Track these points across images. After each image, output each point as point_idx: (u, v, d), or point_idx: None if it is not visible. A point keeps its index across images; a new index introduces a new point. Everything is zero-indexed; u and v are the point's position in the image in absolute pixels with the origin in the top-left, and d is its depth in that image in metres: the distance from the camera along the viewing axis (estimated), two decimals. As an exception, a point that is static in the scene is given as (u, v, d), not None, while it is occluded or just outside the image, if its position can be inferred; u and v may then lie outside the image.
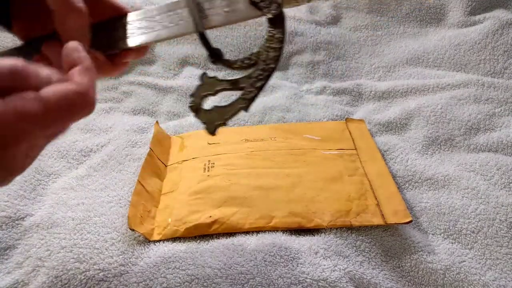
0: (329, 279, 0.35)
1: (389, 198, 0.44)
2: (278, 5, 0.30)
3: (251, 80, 0.31)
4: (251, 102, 0.31)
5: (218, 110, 0.31)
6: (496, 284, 0.37)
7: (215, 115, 0.31)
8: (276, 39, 0.31)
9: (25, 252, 0.38)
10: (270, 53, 0.31)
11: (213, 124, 0.31)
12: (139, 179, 0.46)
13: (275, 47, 0.31)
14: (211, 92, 0.33)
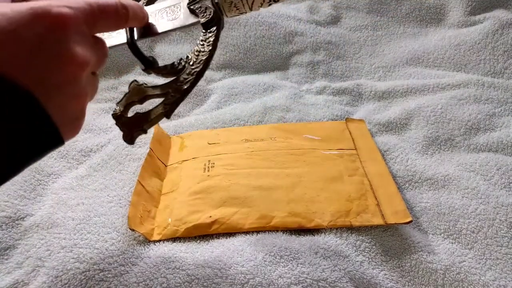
0: (329, 279, 0.35)
1: (389, 198, 0.44)
2: (211, 11, 0.30)
3: (176, 84, 0.30)
4: (174, 108, 0.29)
5: (138, 116, 0.30)
6: (496, 284, 0.37)
7: (134, 123, 0.30)
8: (207, 42, 0.30)
9: (25, 252, 0.38)
10: (198, 57, 0.30)
11: (131, 132, 0.30)
12: (139, 179, 0.46)
13: (205, 50, 0.30)
14: (137, 99, 0.32)
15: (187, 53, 0.31)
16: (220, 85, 0.68)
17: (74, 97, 0.24)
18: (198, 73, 0.30)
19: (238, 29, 0.74)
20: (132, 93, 0.32)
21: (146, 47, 0.72)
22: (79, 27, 0.24)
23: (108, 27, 0.27)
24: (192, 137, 0.55)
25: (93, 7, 0.25)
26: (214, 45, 0.30)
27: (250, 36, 0.73)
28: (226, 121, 0.58)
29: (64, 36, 0.23)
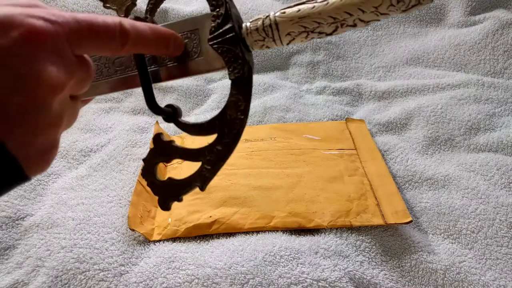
0: (329, 279, 0.35)
1: (389, 198, 0.44)
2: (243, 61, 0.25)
3: (209, 156, 0.27)
4: (208, 182, 0.27)
5: (172, 183, 0.28)
6: (496, 284, 0.37)
7: (169, 189, 0.28)
8: (239, 109, 0.26)
9: (25, 252, 0.38)
10: (232, 126, 0.27)
11: (167, 199, 0.28)
12: (139, 179, 0.46)
13: (237, 117, 0.26)
14: (165, 159, 0.29)
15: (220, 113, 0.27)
16: (220, 85, 0.68)
17: (42, 127, 0.20)
18: (230, 149, 0.27)
19: (238, 29, 0.74)
20: (158, 152, 0.29)
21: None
22: (57, 45, 0.20)
23: (98, 50, 0.22)
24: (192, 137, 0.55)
25: (81, 25, 0.21)
26: (246, 111, 0.26)
27: (250, 36, 0.73)
28: (226, 121, 0.58)
29: (34, 52, 0.19)
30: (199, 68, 0.27)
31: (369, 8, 0.24)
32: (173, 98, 0.65)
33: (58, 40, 0.20)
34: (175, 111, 0.29)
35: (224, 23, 0.26)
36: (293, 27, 0.26)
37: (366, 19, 0.25)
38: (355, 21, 0.25)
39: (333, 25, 0.25)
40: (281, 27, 0.26)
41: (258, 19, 0.26)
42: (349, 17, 0.25)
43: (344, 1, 0.24)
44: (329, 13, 0.25)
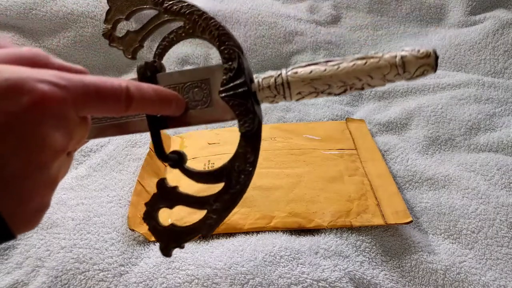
0: (329, 279, 0.35)
1: (389, 198, 0.44)
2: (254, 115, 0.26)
3: (215, 206, 0.27)
4: (213, 230, 0.27)
5: (175, 229, 0.27)
6: (496, 284, 0.37)
7: (172, 236, 0.27)
8: (248, 161, 0.27)
9: (25, 252, 0.38)
10: (240, 177, 0.27)
11: (168, 246, 0.27)
12: (139, 179, 0.46)
13: (246, 169, 0.27)
14: (167, 205, 0.29)
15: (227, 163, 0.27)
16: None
17: (39, 189, 0.20)
18: (238, 197, 0.27)
19: (238, 29, 0.73)
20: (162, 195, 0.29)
21: (147, 47, 0.72)
22: (64, 110, 0.19)
23: (101, 112, 0.23)
24: (192, 137, 0.55)
25: (88, 89, 0.20)
26: (254, 163, 0.27)
27: (250, 36, 0.73)
28: (226, 121, 0.58)
29: (41, 118, 0.18)
30: (208, 118, 0.27)
31: (378, 75, 0.25)
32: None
33: (65, 105, 0.19)
34: (181, 157, 0.29)
35: (236, 77, 0.26)
36: (304, 88, 0.26)
37: (373, 84, 0.26)
38: (364, 85, 0.26)
39: (342, 87, 0.26)
40: (293, 87, 0.26)
41: (271, 77, 0.27)
42: (358, 82, 0.26)
43: (355, 67, 0.25)
44: (340, 78, 0.26)
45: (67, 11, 0.68)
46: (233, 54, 0.26)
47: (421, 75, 0.25)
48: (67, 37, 0.67)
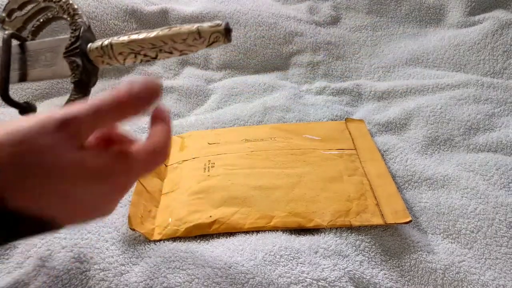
0: (329, 279, 0.35)
1: (388, 198, 0.44)
2: (83, 70, 0.33)
3: None
4: None
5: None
6: (495, 283, 0.38)
7: None
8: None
9: (25, 252, 0.38)
10: None
11: None
12: (139, 179, 0.46)
13: None
14: None
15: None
16: (220, 85, 0.68)
17: None
18: None
19: (238, 29, 0.74)
20: None
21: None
22: None
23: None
24: (193, 137, 0.55)
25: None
26: None
27: (250, 37, 0.73)
28: (226, 121, 0.58)
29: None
30: (53, 74, 0.35)
31: (179, 39, 0.32)
32: (173, 98, 0.65)
33: None
34: (31, 108, 0.36)
35: (75, 42, 0.34)
36: (124, 48, 0.34)
37: (179, 48, 0.33)
38: (170, 48, 0.33)
39: (153, 50, 0.33)
40: (115, 48, 0.34)
41: (101, 41, 0.35)
42: (165, 45, 0.33)
43: (161, 33, 0.32)
44: (150, 41, 0.33)
45: (67, 12, 0.68)
46: (78, 27, 0.34)
47: (216, 41, 0.32)
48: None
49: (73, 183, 0.23)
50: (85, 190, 0.24)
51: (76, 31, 0.34)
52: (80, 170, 0.23)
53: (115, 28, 0.70)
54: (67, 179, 0.23)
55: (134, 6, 0.73)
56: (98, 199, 0.25)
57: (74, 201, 0.24)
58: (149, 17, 0.74)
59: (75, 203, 0.24)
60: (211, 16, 0.75)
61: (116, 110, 0.24)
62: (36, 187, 0.22)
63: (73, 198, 0.23)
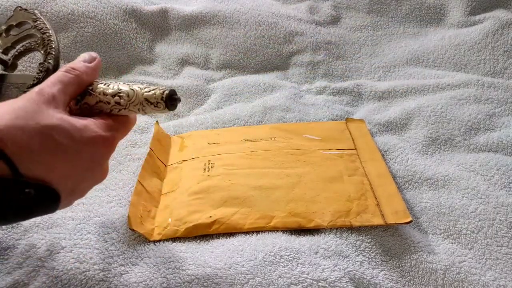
0: (329, 279, 0.35)
1: (389, 198, 0.44)
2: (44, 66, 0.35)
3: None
4: None
5: None
6: (496, 284, 0.38)
7: None
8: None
9: (25, 253, 0.38)
10: None
11: None
12: (139, 179, 0.46)
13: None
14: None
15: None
16: (220, 85, 0.68)
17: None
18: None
19: (238, 29, 0.74)
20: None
21: (146, 47, 0.72)
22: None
23: None
24: (192, 137, 0.55)
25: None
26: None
27: (250, 36, 0.73)
28: (226, 121, 0.58)
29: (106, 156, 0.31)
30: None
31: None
32: (173, 98, 0.65)
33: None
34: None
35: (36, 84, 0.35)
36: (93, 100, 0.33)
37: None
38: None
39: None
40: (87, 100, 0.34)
41: None
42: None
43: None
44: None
45: (67, 11, 0.68)
46: (44, 68, 0.35)
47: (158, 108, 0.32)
48: (67, 37, 0.67)
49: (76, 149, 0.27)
50: (84, 155, 0.28)
51: (40, 73, 0.34)
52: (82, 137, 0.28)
53: (114, 28, 0.70)
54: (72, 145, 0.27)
55: (134, 6, 0.73)
56: (94, 163, 0.30)
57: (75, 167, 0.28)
58: (149, 17, 0.74)
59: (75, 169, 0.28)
60: (211, 15, 0.75)
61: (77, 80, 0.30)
62: (48, 160, 0.26)
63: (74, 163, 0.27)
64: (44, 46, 0.36)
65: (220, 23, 0.74)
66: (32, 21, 0.38)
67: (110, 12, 0.71)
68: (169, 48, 0.73)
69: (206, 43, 0.73)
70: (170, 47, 0.73)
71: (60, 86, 0.28)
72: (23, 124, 0.25)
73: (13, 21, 0.39)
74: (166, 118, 0.61)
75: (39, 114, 0.26)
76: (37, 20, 0.37)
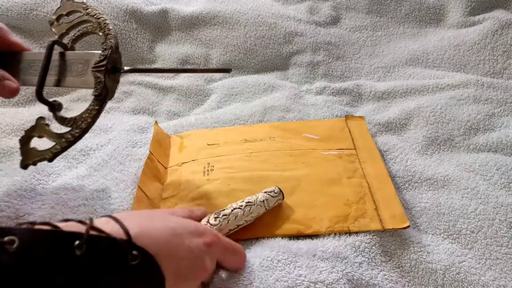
0: (327, 281, 0.35)
1: (387, 202, 0.44)
2: (102, 83, 0.37)
3: (62, 139, 0.38)
4: (55, 157, 0.38)
5: (33, 151, 0.39)
6: (495, 284, 0.38)
7: (29, 155, 0.39)
8: (90, 113, 0.37)
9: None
10: (81, 124, 0.37)
11: (25, 161, 0.39)
12: (140, 184, 0.45)
13: (86, 120, 0.37)
14: (36, 135, 0.40)
15: (80, 114, 0.37)
16: (220, 84, 0.68)
17: None
18: (75, 138, 0.37)
19: (238, 29, 0.74)
20: (35, 128, 0.41)
21: (147, 47, 0.72)
22: (216, 251, 0.34)
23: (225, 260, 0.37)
24: (192, 137, 0.55)
25: (227, 248, 0.36)
26: (94, 117, 0.37)
27: (250, 37, 0.73)
28: (226, 121, 0.58)
29: (208, 252, 0.33)
30: (81, 84, 0.39)
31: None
32: (173, 98, 0.65)
33: (217, 249, 0.34)
34: (59, 106, 0.40)
35: (102, 60, 0.37)
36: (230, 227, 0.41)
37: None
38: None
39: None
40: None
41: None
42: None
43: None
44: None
45: (67, 12, 0.68)
46: (107, 47, 0.37)
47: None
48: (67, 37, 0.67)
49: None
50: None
51: (105, 51, 0.37)
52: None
53: (114, 28, 0.70)
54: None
55: (134, 6, 0.73)
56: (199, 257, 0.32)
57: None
58: (149, 17, 0.74)
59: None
60: (211, 16, 0.75)
61: None
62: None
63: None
64: (101, 28, 0.39)
65: (220, 23, 0.75)
66: (83, 9, 0.41)
67: (111, 12, 0.71)
68: (170, 48, 0.73)
69: (206, 44, 0.73)
70: (170, 48, 0.73)
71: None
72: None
73: (62, 11, 0.42)
74: (166, 118, 0.61)
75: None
76: (88, 8, 0.41)
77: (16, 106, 0.60)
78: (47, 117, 0.41)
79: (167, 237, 0.30)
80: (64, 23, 0.43)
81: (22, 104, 0.60)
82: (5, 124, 0.54)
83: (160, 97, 0.65)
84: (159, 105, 0.63)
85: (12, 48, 0.42)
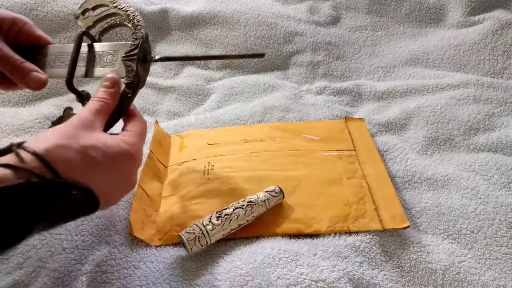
0: (328, 280, 0.35)
1: (387, 202, 0.44)
2: (134, 71, 0.38)
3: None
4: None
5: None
6: (495, 283, 0.38)
7: None
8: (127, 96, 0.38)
9: (25, 253, 0.38)
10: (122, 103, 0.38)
11: None
12: (140, 183, 0.45)
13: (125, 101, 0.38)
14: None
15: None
16: (220, 84, 0.68)
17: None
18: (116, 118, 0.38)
19: (238, 29, 0.74)
20: (64, 119, 0.42)
21: (146, 47, 0.72)
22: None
23: None
24: (192, 136, 0.55)
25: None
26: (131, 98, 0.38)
27: (250, 36, 0.73)
28: (226, 120, 0.58)
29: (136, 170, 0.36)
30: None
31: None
32: (173, 98, 0.65)
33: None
34: (88, 95, 0.41)
35: (134, 49, 0.39)
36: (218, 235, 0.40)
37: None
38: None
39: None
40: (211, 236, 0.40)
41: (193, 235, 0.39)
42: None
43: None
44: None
45: (67, 12, 0.68)
46: (138, 37, 0.39)
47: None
48: (68, 37, 0.67)
49: (109, 163, 0.32)
50: (115, 167, 0.33)
51: (137, 40, 0.39)
52: (113, 153, 0.33)
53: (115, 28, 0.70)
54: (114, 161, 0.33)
55: (134, 6, 0.73)
56: (124, 174, 0.34)
57: (109, 178, 0.32)
58: (149, 17, 0.74)
59: (109, 180, 0.32)
60: (211, 15, 0.75)
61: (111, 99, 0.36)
62: (87, 173, 0.30)
63: (108, 175, 0.32)
64: (130, 20, 0.40)
65: (220, 23, 0.75)
66: (110, 3, 0.42)
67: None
68: (170, 48, 0.73)
69: (206, 43, 0.73)
70: (170, 47, 0.73)
71: (95, 113, 0.35)
72: (66, 144, 0.30)
73: (87, 5, 0.44)
74: (166, 118, 0.61)
75: (79, 136, 0.31)
76: (115, 2, 0.42)
77: (16, 106, 0.60)
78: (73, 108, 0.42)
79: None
80: (90, 16, 0.44)
81: (22, 104, 0.60)
82: (5, 124, 0.54)
83: (160, 97, 0.65)
84: (159, 105, 0.63)
85: (38, 42, 0.43)
